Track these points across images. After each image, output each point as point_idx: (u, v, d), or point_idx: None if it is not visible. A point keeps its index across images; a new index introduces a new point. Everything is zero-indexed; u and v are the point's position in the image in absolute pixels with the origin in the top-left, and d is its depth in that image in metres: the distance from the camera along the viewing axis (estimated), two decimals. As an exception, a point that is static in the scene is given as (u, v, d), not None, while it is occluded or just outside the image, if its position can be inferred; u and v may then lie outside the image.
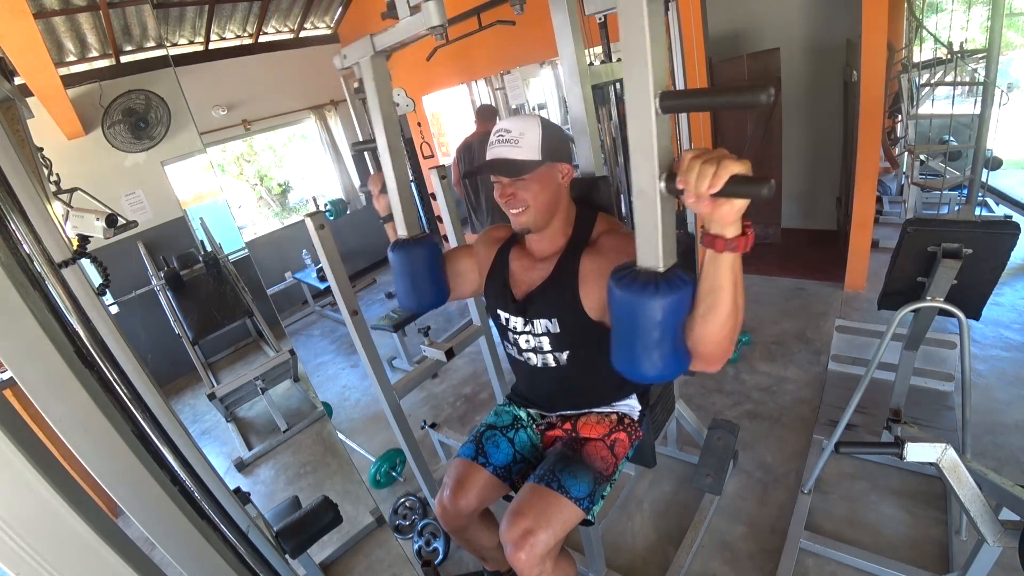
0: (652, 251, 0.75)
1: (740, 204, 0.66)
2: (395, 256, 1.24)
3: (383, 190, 1.29)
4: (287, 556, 1.32)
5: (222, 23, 4.30)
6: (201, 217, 2.33)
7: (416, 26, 0.99)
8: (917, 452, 1.14)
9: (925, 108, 3.41)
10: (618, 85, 1.88)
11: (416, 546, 1.88)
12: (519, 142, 1.03)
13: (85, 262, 1.13)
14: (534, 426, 1.37)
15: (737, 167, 0.63)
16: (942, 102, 3.22)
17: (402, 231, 1.27)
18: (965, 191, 3.15)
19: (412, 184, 3.21)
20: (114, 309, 1.86)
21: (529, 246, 1.22)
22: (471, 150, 3.43)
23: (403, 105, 2.92)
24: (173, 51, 4.12)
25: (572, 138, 1.37)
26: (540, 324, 1.16)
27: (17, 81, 1.39)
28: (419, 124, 4.89)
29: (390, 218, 1.32)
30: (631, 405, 1.30)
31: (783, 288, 3.30)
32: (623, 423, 1.26)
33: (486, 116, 3.57)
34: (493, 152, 1.07)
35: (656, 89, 0.67)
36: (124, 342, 1.09)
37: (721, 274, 0.73)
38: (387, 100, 1.18)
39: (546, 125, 1.06)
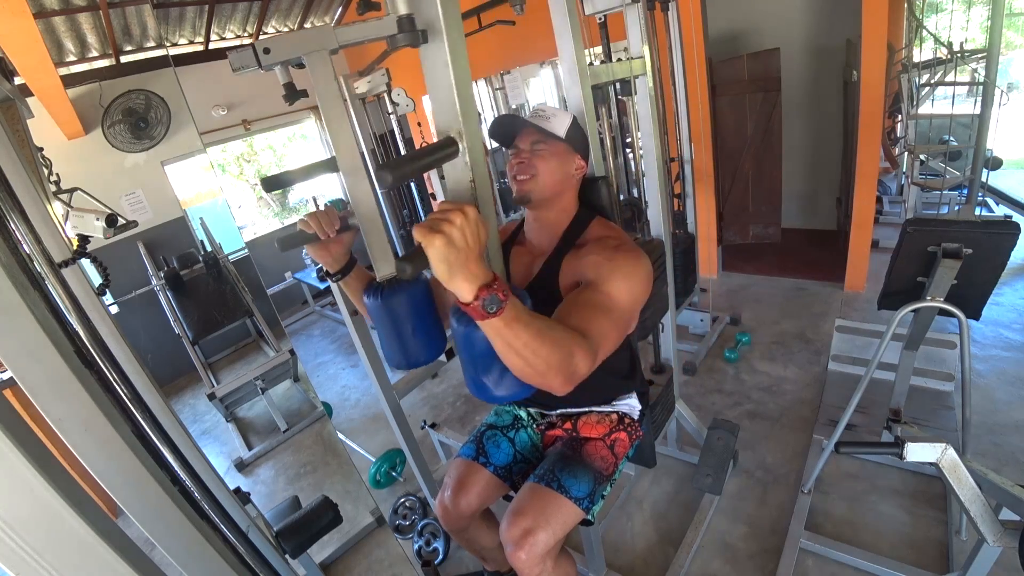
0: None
1: (435, 268, 0.64)
2: (374, 305, 1.00)
3: (343, 228, 0.99)
4: (287, 556, 1.32)
5: (222, 23, 4.30)
6: (201, 217, 2.33)
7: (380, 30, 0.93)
8: (917, 452, 1.14)
9: (925, 108, 3.41)
10: (618, 85, 1.88)
11: (416, 546, 1.88)
12: (550, 119, 1.10)
13: (85, 262, 1.13)
14: (534, 426, 1.37)
15: (419, 235, 0.63)
16: (942, 102, 3.22)
17: (382, 270, 0.94)
18: (965, 191, 3.15)
19: (383, 207, 3.25)
20: (114, 309, 1.86)
21: (528, 237, 1.22)
22: None
23: (403, 105, 2.92)
24: (173, 51, 4.12)
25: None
26: None
27: (17, 81, 1.39)
28: (419, 124, 4.89)
29: (349, 269, 1.05)
30: (631, 404, 1.30)
31: (783, 288, 3.30)
32: (623, 423, 1.26)
33: None
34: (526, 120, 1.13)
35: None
36: (124, 342, 1.09)
37: (492, 340, 0.72)
38: (336, 101, 0.89)
39: (577, 121, 1.15)
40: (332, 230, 0.96)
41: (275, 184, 1.00)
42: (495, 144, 4.30)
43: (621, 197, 2.30)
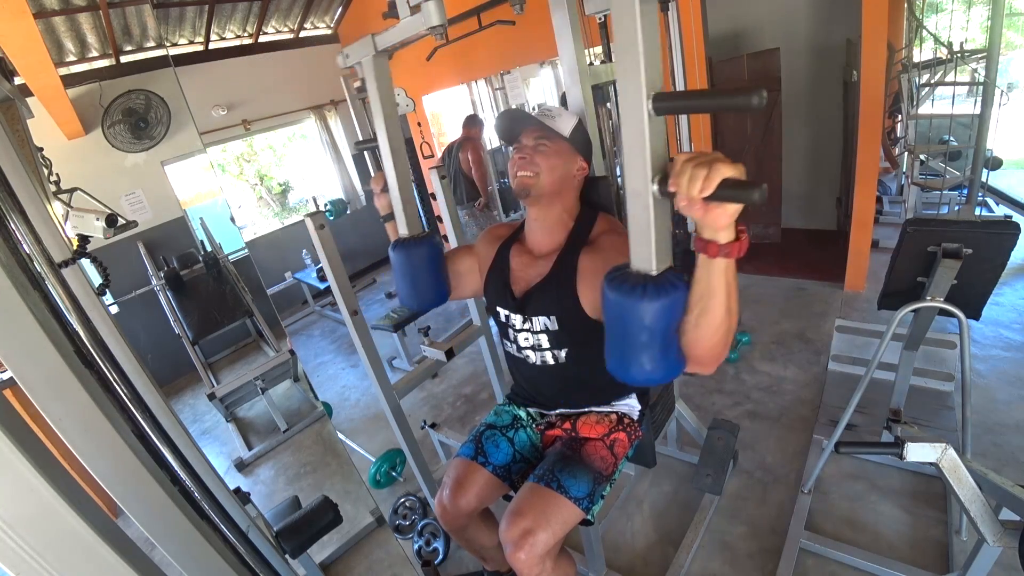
0: (645, 253, 0.74)
1: (732, 209, 0.65)
2: (396, 255, 1.24)
3: (384, 189, 1.29)
4: (287, 556, 1.32)
5: (222, 23, 4.30)
6: (201, 217, 2.33)
7: (416, 26, 0.99)
8: (917, 452, 1.14)
9: (925, 108, 3.41)
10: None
11: (416, 546, 1.88)
12: (556, 118, 1.13)
13: (85, 262, 1.13)
14: (534, 426, 1.37)
15: (730, 171, 0.62)
16: (942, 102, 3.22)
17: (403, 230, 1.27)
18: (965, 191, 3.15)
19: (413, 183, 3.27)
20: (114, 309, 1.86)
21: (529, 240, 1.22)
22: (451, 151, 4.10)
23: (403, 105, 2.92)
24: (173, 51, 4.12)
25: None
26: (538, 322, 1.16)
27: (17, 81, 1.39)
28: (419, 124, 4.89)
29: (391, 217, 1.31)
30: (631, 405, 1.30)
31: (783, 288, 3.30)
32: (623, 423, 1.26)
33: (470, 124, 4.09)
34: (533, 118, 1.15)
35: (649, 91, 0.66)
36: (124, 342, 1.09)
37: (714, 279, 0.71)
38: (389, 99, 1.18)
39: (582, 123, 1.18)
40: (377, 187, 1.34)
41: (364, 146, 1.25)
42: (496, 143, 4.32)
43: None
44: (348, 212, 4.92)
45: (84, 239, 1.17)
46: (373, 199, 1.38)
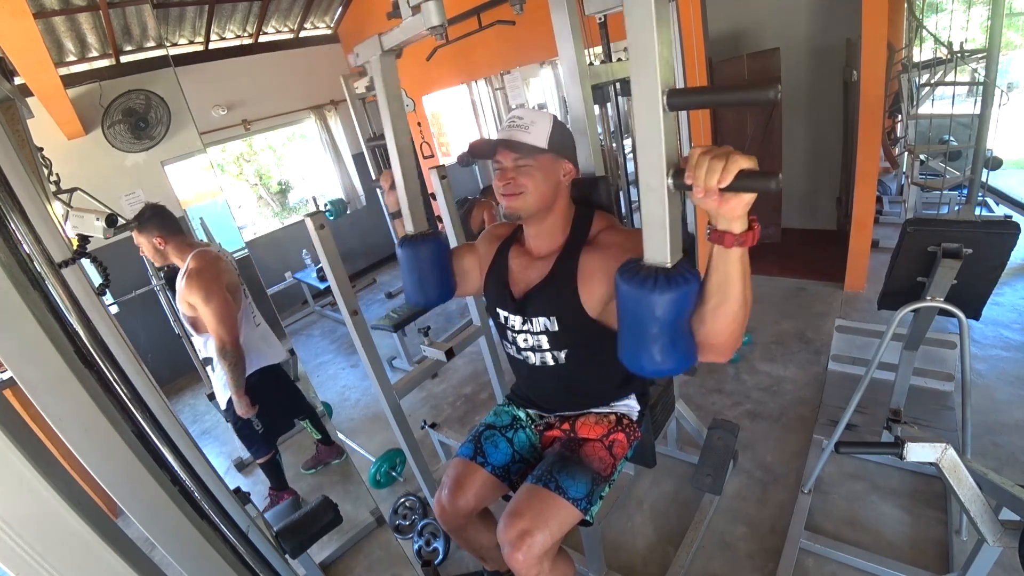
0: (660, 247, 0.76)
1: (748, 198, 0.68)
2: (403, 252, 1.25)
3: (393, 186, 1.32)
4: (287, 556, 1.32)
5: (222, 23, 4.30)
6: (201, 217, 2.33)
7: (417, 26, 0.99)
8: (917, 452, 1.14)
9: (925, 108, 3.41)
10: (618, 85, 1.88)
11: (416, 546, 1.88)
12: (529, 128, 1.05)
13: (85, 262, 1.13)
14: (533, 426, 1.37)
15: (745, 162, 0.65)
16: (942, 102, 3.22)
17: (410, 227, 1.28)
18: (965, 191, 3.15)
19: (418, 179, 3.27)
20: (114, 309, 1.86)
21: (528, 244, 1.22)
22: (462, 204, 3.94)
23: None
24: (173, 51, 4.12)
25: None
26: (538, 322, 1.16)
27: (17, 81, 1.39)
28: (419, 124, 4.89)
29: (398, 214, 1.33)
30: (630, 405, 1.30)
31: (783, 288, 3.30)
32: (622, 424, 1.26)
33: (488, 192, 3.93)
34: (503, 134, 1.08)
35: (664, 87, 0.67)
36: (124, 342, 1.09)
37: (731, 269, 0.75)
38: (396, 98, 1.19)
39: (557, 122, 1.09)
40: (386, 184, 1.34)
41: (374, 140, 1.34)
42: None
43: (622, 201, 2.29)
44: (348, 212, 4.92)
45: (84, 239, 1.18)
46: (381, 196, 1.41)
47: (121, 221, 1.26)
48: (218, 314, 1.70)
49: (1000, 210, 3.49)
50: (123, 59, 2.48)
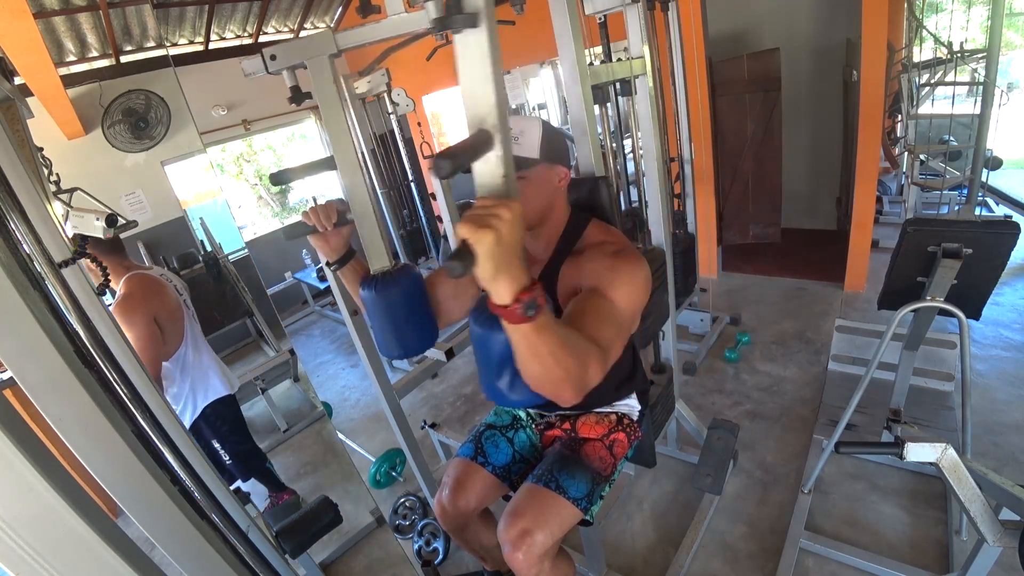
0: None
1: (480, 270, 0.60)
2: (369, 296, 1.04)
3: (340, 222, 1.03)
4: (287, 556, 1.32)
5: (222, 23, 4.30)
6: (201, 217, 2.33)
7: (411, 24, 0.95)
8: (917, 452, 1.14)
9: (925, 108, 3.41)
10: (618, 85, 1.88)
11: (416, 546, 1.88)
12: (519, 140, 0.99)
13: (85, 262, 1.13)
14: (533, 426, 1.37)
15: (466, 231, 0.58)
16: (942, 102, 3.22)
17: (375, 265, 1.07)
18: (965, 191, 3.15)
19: (381, 205, 3.26)
20: (114, 309, 1.86)
21: (525, 246, 1.20)
22: None
23: (403, 105, 2.92)
24: (173, 51, 4.12)
25: (573, 138, 1.37)
26: None
27: (17, 81, 1.39)
28: (419, 124, 4.89)
29: (348, 259, 1.07)
30: (631, 405, 1.30)
31: (783, 288, 3.30)
32: (622, 423, 1.26)
33: None
34: None
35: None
36: (124, 342, 1.09)
37: (511, 340, 0.69)
38: (337, 106, 1.02)
39: (546, 127, 1.03)
40: (330, 223, 1.01)
41: (280, 179, 1.08)
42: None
43: (621, 202, 2.29)
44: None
45: (84, 239, 1.17)
46: (314, 243, 1.07)
47: (121, 221, 1.26)
48: (136, 345, 1.44)
49: (1000, 210, 3.49)
50: (123, 59, 2.48)
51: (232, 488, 1.20)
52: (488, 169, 0.67)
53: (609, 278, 0.93)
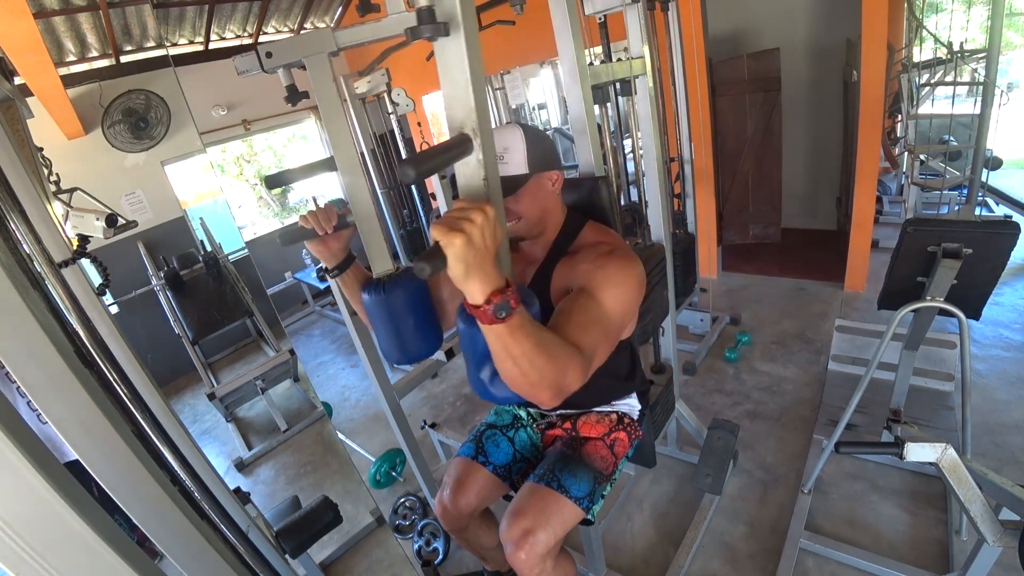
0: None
1: (451, 271, 0.62)
2: (372, 301, 1.03)
3: (340, 226, 1.00)
4: (287, 556, 1.32)
5: (222, 23, 4.30)
6: (201, 217, 2.33)
7: (410, 23, 0.94)
8: (917, 452, 1.15)
9: (925, 108, 3.41)
10: (618, 85, 1.88)
11: (416, 546, 1.88)
12: (504, 158, 0.96)
13: (85, 262, 1.13)
14: (534, 425, 1.37)
15: (438, 233, 0.60)
16: (942, 102, 3.22)
17: (378, 269, 1.05)
18: (965, 191, 3.15)
19: (381, 206, 3.25)
20: (114, 309, 1.86)
21: (522, 247, 1.21)
22: None
23: (403, 105, 2.92)
24: (173, 51, 4.12)
25: (572, 138, 1.36)
26: None
27: (17, 81, 1.39)
28: (419, 124, 4.89)
29: (348, 264, 1.05)
30: (631, 404, 1.30)
31: (783, 288, 3.30)
32: (623, 423, 1.26)
33: None
34: None
35: None
36: (124, 342, 1.09)
37: (487, 340, 0.70)
38: (337, 105, 1.00)
39: (528, 134, 0.98)
40: (329, 227, 0.98)
41: (277, 182, 1.05)
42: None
43: (621, 202, 2.29)
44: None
45: (84, 239, 1.17)
46: (311, 249, 1.02)
47: (121, 221, 1.26)
48: None
49: (1000, 210, 3.49)
50: (123, 59, 2.48)
51: (232, 488, 1.20)
52: (469, 172, 0.68)
53: (600, 279, 0.92)
